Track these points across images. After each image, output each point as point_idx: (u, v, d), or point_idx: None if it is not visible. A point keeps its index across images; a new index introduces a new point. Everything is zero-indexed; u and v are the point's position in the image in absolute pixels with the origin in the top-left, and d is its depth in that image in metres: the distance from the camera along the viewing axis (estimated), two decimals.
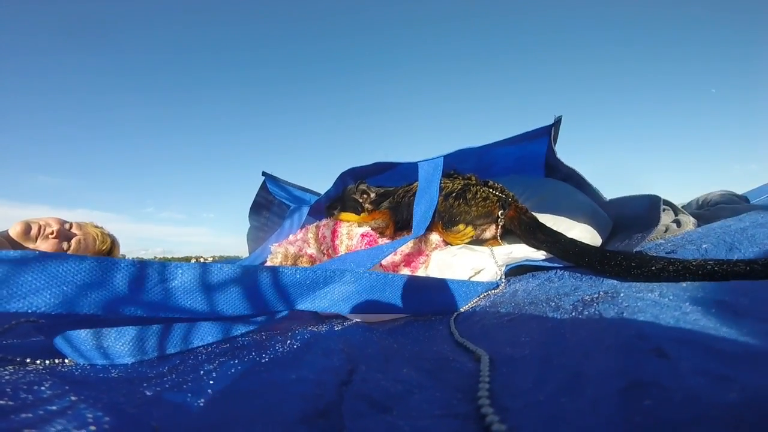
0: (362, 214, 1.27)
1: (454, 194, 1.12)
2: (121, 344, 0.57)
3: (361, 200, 1.32)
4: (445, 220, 1.12)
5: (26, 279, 0.48)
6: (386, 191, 1.33)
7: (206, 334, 0.63)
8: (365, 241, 1.15)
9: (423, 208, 1.06)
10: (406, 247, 1.13)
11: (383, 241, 1.16)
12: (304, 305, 0.68)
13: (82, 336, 0.56)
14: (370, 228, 1.18)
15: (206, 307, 0.59)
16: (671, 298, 0.46)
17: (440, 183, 1.11)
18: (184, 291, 0.58)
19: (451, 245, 1.13)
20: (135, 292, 0.54)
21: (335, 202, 1.42)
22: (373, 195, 1.32)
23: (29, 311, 0.47)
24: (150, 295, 0.55)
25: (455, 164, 1.21)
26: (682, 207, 1.70)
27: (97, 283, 0.52)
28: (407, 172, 1.44)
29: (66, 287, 0.50)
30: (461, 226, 1.09)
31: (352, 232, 1.19)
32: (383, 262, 1.08)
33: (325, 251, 1.23)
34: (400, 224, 1.21)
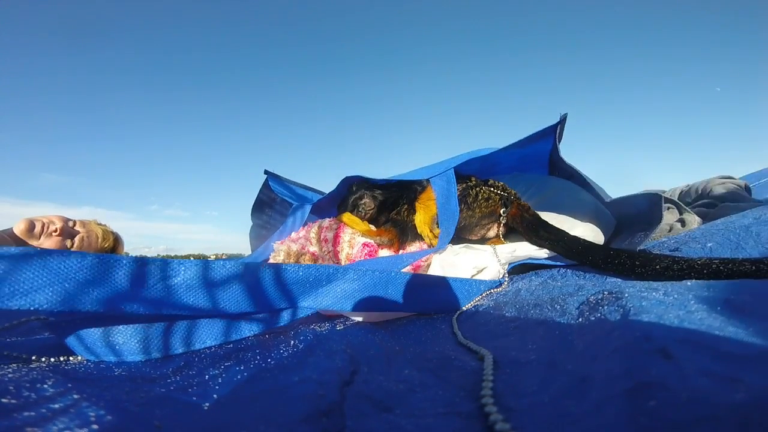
0: (365, 226, 1.26)
1: None
2: (135, 341, 0.57)
3: (363, 211, 1.30)
4: None
5: (28, 276, 0.48)
6: (386, 199, 1.31)
7: (208, 337, 0.63)
8: (366, 251, 1.15)
9: (446, 224, 1.06)
10: (409, 246, 1.13)
11: (383, 250, 1.16)
12: (307, 303, 0.68)
13: (92, 333, 0.57)
14: (374, 242, 1.18)
15: (208, 304, 0.59)
16: (676, 296, 0.45)
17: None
18: (186, 288, 0.58)
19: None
20: (138, 289, 0.54)
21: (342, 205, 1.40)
22: (374, 204, 1.30)
23: (31, 308, 0.47)
24: (152, 292, 0.55)
25: (458, 166, 1.20)
26: (681, 193, 1.67)
27: (99, 281, 0.52)
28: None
29: (68, 284, 0.50)
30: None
31: (354, 241, 1.19)
32: None
33: (326, 253, 1.22)
34: (405, 241, 1.20)
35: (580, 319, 0.49)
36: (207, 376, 0.47)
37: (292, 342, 0.55)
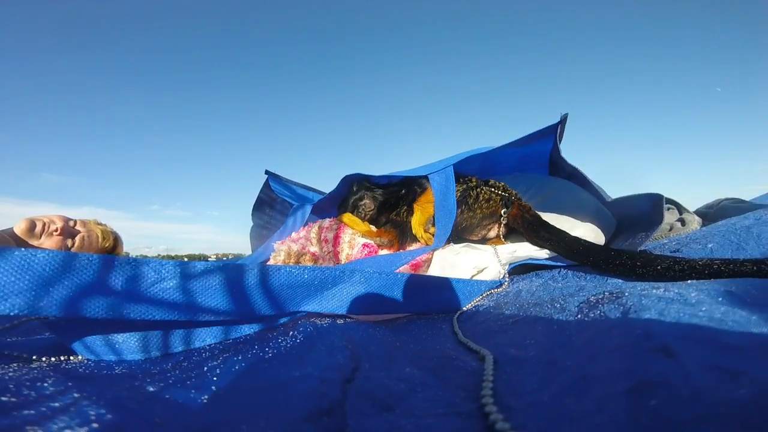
0: (366, 226, 1.26)
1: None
2: (135, 340, 0.57)
3: (363, 212, 1.31)
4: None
5: (8, 279, 0.45)
6: (386, 198, 1.31)
7: (208, 335, 0.63)
8: (366, 252, 1.15)
9: (443, 222, 1.06)
10: (409, 247, 1.13)
11: (383, 250, 1.16)
12: (311, 306, 0.67)
13: (93, 332, 0.56)
14: (374, 242, 1.18)
15: (208, 306, 0.58)
16: (677, 292, 0.45)
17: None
18: (184, 290, 0.57)
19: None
20: (134, 291, 0.53)
21: (342, 205, 1.40)
22: (374, 204, 1.30)
23: (11, 314, 0.45)
24: (147, 295, 0.54)
25: (458, 166, 1.21)
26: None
27: (92, 282, 0.50)
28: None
29: (52, 287, 0.47)
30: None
31: (354, 242, 1.19)
32: None
33: (326, 253, 1.22)
34: (405, 242, 1.20)
35: (579, 316, 0.49)
36: (205, 368, 0.47)
37: (291, 333, 0.55)
